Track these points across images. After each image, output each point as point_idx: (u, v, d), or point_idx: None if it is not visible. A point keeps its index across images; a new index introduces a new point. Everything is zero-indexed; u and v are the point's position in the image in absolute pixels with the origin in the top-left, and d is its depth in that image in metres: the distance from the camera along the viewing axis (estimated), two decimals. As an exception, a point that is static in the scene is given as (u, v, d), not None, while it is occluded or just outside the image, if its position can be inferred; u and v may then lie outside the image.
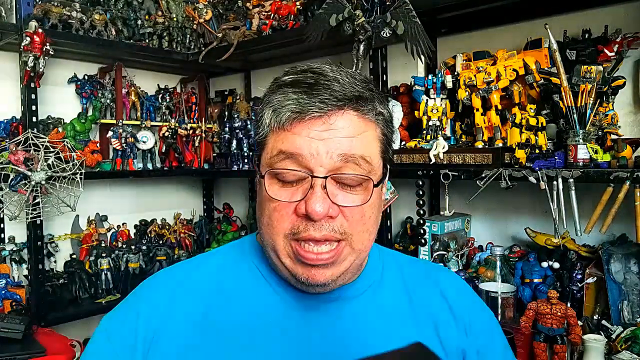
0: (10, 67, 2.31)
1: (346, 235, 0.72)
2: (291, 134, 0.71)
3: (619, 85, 1.53)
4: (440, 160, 1.69)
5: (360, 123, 0.73)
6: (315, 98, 0.70)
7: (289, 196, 0.71)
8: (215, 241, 2.80)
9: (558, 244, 1.64)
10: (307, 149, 0.70)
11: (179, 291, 0.79)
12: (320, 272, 0.72)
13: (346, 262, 0.73)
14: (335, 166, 0.70)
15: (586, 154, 1.46)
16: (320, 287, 0.74)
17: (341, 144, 0.70)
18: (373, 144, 0.75)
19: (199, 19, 2.51)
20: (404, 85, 2.04)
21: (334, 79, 0.72)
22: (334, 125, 0.70)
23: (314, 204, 0.68)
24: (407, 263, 0.91)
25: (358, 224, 0.73)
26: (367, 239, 0.75)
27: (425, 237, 1.86)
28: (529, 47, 1.71)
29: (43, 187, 2.05)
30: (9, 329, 1.79)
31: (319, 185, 0.69)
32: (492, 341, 0.87)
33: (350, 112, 0.72)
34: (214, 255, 0.87)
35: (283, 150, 0.71)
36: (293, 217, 0.71)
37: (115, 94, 2.55)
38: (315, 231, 0.70)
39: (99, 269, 2.40)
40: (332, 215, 0.70)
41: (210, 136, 2.72)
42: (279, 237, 0.72)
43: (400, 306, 0.82)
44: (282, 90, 0.73)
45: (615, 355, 1.39)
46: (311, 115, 0.69)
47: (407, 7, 1.67)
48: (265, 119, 0.75)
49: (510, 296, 1.64)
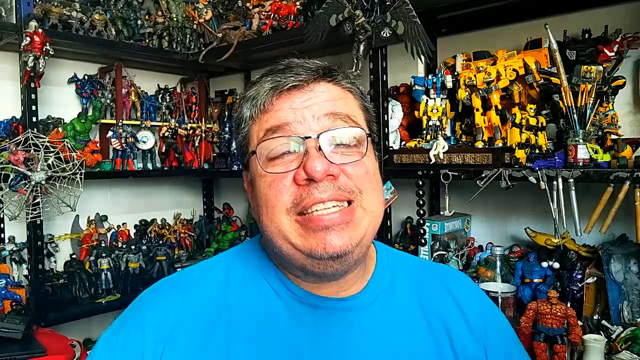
0: (10, 67, 2.31)
1: (354, 194, 0.68)
2: (273, 111, 0.71)
3: (619, 85, 1.53)
4: (440, 160, 1.69)
5: (339, 90, 0.74)
6: (290, 72, 0.71)
7: (284, 168, 0.69)
8: (215, 241, 2.79)
9: (558, 244, 1.64)
10: (293, 117, 0.69)
11: (185, 307, 0.74)
12: (336, 236, 0.66)
13: (362, 226, 0.69)
14: (324, 127, 0.69)
15: (586, 154, 1.45)
16: (339, 260, 0.67)
17: (325, 106, 0.70)
18: (356, 109, 0.75)
19: (199, 19, 2.51)
20: (404, 85, 2.04)
21: (303, 62, 0.74)
22: (314, 92, 0.71)
23: (312, 162, 0.65)
24: (415, 266, 0.87)
25: (364, 180, 0.70)
26: (377, 199, 0.72)
27: (425, 237, 1.86)
28: (529, 47, 1.71)
29: (43, 187, 2.05)
30: (9, 329, 1.79)
31: (313, 148, 0.67)
32: (508, 344, 0.85)
33: (325, 82, 0.73)
34: (217, 265, 0.81)
35: (269, 128, 0.70)
36: (293, 188, 0.68)
37: (115, 94, 2.55)
38: (319, 193, 0.66)
39: (99, 269, 2.40)
40: (334, 173, 0.67)
41: (210, 136, 2.72)
42: (282, 215, 0.68)
43: (414, 315, 0.79)
44: (256, 82, 0.75)
45: (615, 355, 1.39)
46: (289, 85, 0.70)
47: (407, 7, 1.67)
48: (244, 113, 0.75)
49: (510, 296, 1.64)
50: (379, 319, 0.76)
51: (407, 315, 0.78)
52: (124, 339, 0.73)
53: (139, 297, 0.80)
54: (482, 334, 0.81)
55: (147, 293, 0.79)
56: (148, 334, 0.72)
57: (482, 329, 0.81)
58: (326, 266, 0.68)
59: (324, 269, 0.69)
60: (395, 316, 0.77)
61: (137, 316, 0.76)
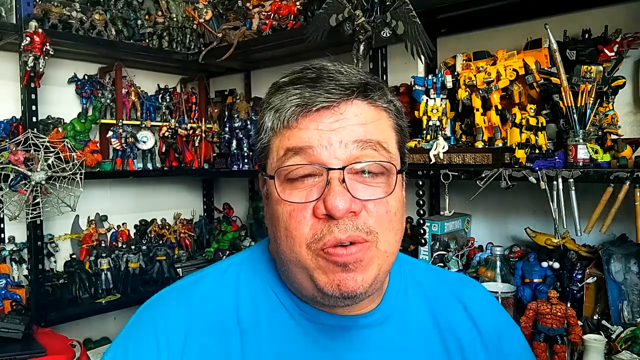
0: (10, 67, 2.31)
1: (372, 234, 0.64)
2: (297, 129, 0.65)
3: (619, 85, 1.53)
4: (440, 160, 1.69)
5: (372, 111, 0.67)
6: (321, 89, 0.64)
7: (303, 197, 0.64)
8: (215, 241, 2.79)
9: (558, 244, 1.63)
10: (318, 141, 0.63)
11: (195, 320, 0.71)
12: (351, 276, 0.64)
13: (374, 266, 0.66)
14: (351, 155, 0.64)
15: (586, 154, 1.45)
16: (351, 300, 0.65)
17: (354, 131, 0.64)
18: (388, 131, 0.69)
19: (199, 19, 2.51)
20: (404, 85, 2.04)
21: (336, 71, 0.67)
22: (345, 114, 0.64)
23: (334, 199, 0.61)
24: (426, 275, 0.84)
25: (383, 220, 0.65)
26: (393, 239, 0.68)
27: (425, 237, 1.86)
28: (529, 47, 1.71)
29: (43, 187, 2.05)
30: (9, 329, 1.80)
31: (336, 179, 0.63)
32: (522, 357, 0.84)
33: (359, 100, 0.66)
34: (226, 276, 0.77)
35: (290, 147, 0.65)
36: (312, 220, 0.64)
37: (115, 94, 2.55)
38: (339, 232, 0.62)
39: (99, 269, 2.40)
40: (355, 210, 0.63)
41: (210, 136, 2.72)
42: (302, 248, 0.65)
43: (427, 330, 0.76)
44: (283, 90, 0.67)
45: (615, 355, 1.39)
46: (318, 106, 0.64)
47: (407, 7, 1.67)
48: (266, 122, 0.69)
49: (510, 296, 1.64)
50: (393, 337, 0.73)
51: (421, 331, 0.76)
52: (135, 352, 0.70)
53: (142, 310, 0.76)
54: (496, 348, 0.79)
55: (153, 304, 0.76)
56: (162, 347, 0.69)
57: (495, 343, 0.80)
58: (336, 302, 0.67)
59: (335, 303, 0.67)
60: (408, 333, 0.75)
61: (146, 329, 0.72)
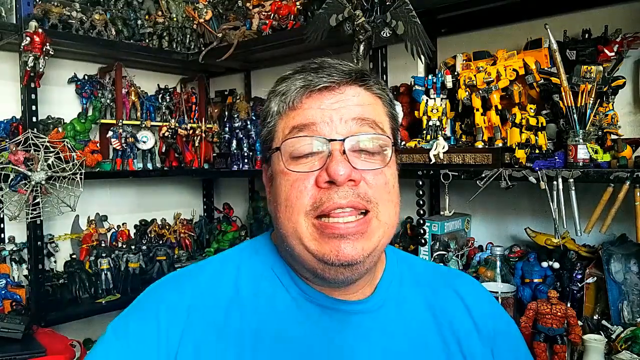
0: (10, 67, 2.31)
1: (372, 204, 0.69)
2: (302, 109, 0.71)
3: (619, 85, 1.53)
4: (440, 160, 1.69)
5: (369, 95, 0.74)
6: (323, 73, 0.72)
7: (307, 168, 0.69)
8: (215, 241, 2.79)
9: (558, 244, 1.63)
10: (320, 118, 0.70)
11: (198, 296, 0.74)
12: (350, 245, 0.67)
13: (375, 236, 0.70)
14: (351, 131, 0.70)
15: (586, 154, 1.45)
16: (350, 268, 0.69)
17: (353, 110, 0.71)
18: (383, 116, 0.75)
19: (199, 19, 2.51)
20: (404, 85, 2.04)
21: (336, 63, 0.74)
22: (344, 95, 0.71)
23: (336, 165, 0.67)
24: (423, 269, 0.87)
25: (382, 191, 0.71)
26: (393, 211, 0.72)
27: (425, 237, 1.86)
28: (529, 47, 1.71)
29: (43, 187, 2.05)
30: (9, 329, 1.80)
31: (337, 151, 0.68)
32: (516, 349, 0.85)
33: (357, 85, 0.73)
34: (229, 258, 0.81)
35: (295, 125, 0.71)
36: (314, 190, 0.69)
37: (115, 94, 2.55)
38: (339, 198, 0.67)
39: (99, 269, 2.40)
40: (355, 179, 0.68)
41: (210, 136, 2.72)
42: (300, 216, 0.69)
43: (423, 318, 0.79)
44: (288, 78, 0.75)
45: (615, 355, 1.39)
46: (320, 86, 0.71)
47: (407, 7, 1.67)
48: (272, 107, 0.75)
49: (510, 296, 1.64)
50: (388, 324, 0.76)
51: (416, 319, 0.78)
52: (136, 328, 0.72)
53: (148, 289, 0.79)
54: (491, 337, 0.81)
55: (158, 285, 0.79)
56: (162, 322, 0.71)
57: (490, 332, 0.81)
58: (337, 273, 0.69)
59: (335, 275, 0.70)
60: (404, 320, 0.77)
61: (149, 305, 0.75)
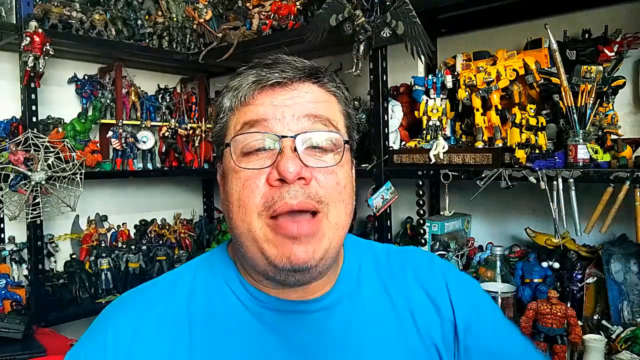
0: (10, 67, 2.31)
1: (322, 204, 0.67)
2: (253, 105, 0.70)
3: (619, 85, 1.53)
4: (440, 160, 1.69)
5: (323, 93, 0.73)
6: (276, 69, 0.70)
7: (258, 165, 0.68)
8: (215, 241, 2.80)
9: (558, 244, 1.63)
10: (272, 114, 0.68)
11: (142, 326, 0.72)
12: (301, 248, 0.66)
13: (326, 238, 0.68)
14: (303, 128, 0.68)
15: (586, 154, 1.45)
16: (302, 274, 0.67)
17: (306, 107, 0.70)
18: (337, 114, 0.74)
19: (199, 19, 2.51)
20: (404, 85, 2.04)
21: (291, 59, 0.73)
22: (297, 91, 0.70)
23: (286, 162, 0.65)
24: (382, 254, 0.85)
25: (333, 191, 0.69)
26: (343, 211, 0.71)
27: (425, 237, 1.86)
28: (529, 47, 1.71)
29: (43, 187, 2.05)
30: (9, 329, 1.80)
31: (288, 147, 0.67)
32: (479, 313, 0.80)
33: (311, 83, 0.72)
34: (181, 276, 0.79)
35: (247, 121, 0.69)
36: (265, 188, 0.67)
37: (115, 94, 2.55)
38: (290, 198, 0.65)
39: (99, 269, 2.40)
40: (305, 177, 0.66)
41: (211, 136, 2.71)
42: (252, 217, 0.67)
43: (381, 305, 0.77)
44: (240, 73, 0.73)
45: (615, 355, 1.39)
46: (272, 81, 0.69)
47: (407, 7, 1.67)
48: (224, 103, 0.73)
49: (510, 296, 1.64)
50: (347, 318, 0.74)
51: (375, 307, 0.77)
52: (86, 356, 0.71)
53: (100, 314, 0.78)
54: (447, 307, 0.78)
55: (108, 309, 0.78)
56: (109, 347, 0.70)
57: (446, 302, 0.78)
58: (287, 276, 0.67)
59: (286, 278, 0.68)
60: (363, 312, 0.76)
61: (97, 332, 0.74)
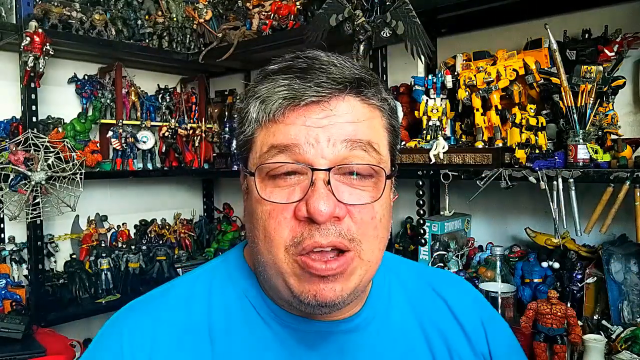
0: (10, 67, 2.31)
1: (355, 242, 0.61)
2: (284, 124, 0.60)
3: (619, 85, 1.53)
4: (440, 160, 1.69)
5: (365, 109, 0.63)
6: (311, 82, 0.60)
7: (285, 197, 0.60)
8: (215, 241, 2.80)
9: (558, 244, 1.63)
10: (304, 138, 0.59)
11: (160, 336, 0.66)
12: (329, 286, 0.60)
13: (355, 276, 0.62)
14: (339, 156, 0.60)
15: (586, 154, 1.45)
16: (329, 309, 0.62)
17: (344, 129, 0.60)
18: (380, 131, 0.65)
19: (199, 19, 2.51)
20: (404, 85, 2.04)
21: (329, 63, 0.62)
22: (335, 110, 0.60)
23: (317, 202, 0.57)
24: (409, 275, 0.81)
25: (368, 227, 0.62)
26: (377, 247, 0.64)
27: (425, 237, 1.86)
28: (529, 47, 1.71)
29: (43, 187, 2.05)
30: (9, 329, 1.80)
31: (321, 181, 0.58)
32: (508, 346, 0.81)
33: (352, 97, 0.62)
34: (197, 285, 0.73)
35: (275, 144, 0.60)
36: (293, 222, 0.60)
37: (115, 94, 2.55)
38: (321, 236, 0.59)
39: (99, 269, 2.40)
40: (339, 215, 0.59)
41: (210, 136, 2.72)
42: (280, 251, 0.61)
43: (412, 331, 0.74)
44: (270, 78, 0.63)
45: (615, 355, 1.39)
46: (307, 100, 0.59)
47: (407, 7, 1.67)
48: (251, 113, 0.64)
49: (510, 296, 1.64)
50: (375, 342, 0.70)
51: (404, 332, 0.73)
52: None
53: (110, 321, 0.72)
54: (482, 343, 0.77)
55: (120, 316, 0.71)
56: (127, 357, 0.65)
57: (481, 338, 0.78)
58: (313, 310, 0.63)
59: (312, 311, 0.63)
60: (391, 336, 0.72)
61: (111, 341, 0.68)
